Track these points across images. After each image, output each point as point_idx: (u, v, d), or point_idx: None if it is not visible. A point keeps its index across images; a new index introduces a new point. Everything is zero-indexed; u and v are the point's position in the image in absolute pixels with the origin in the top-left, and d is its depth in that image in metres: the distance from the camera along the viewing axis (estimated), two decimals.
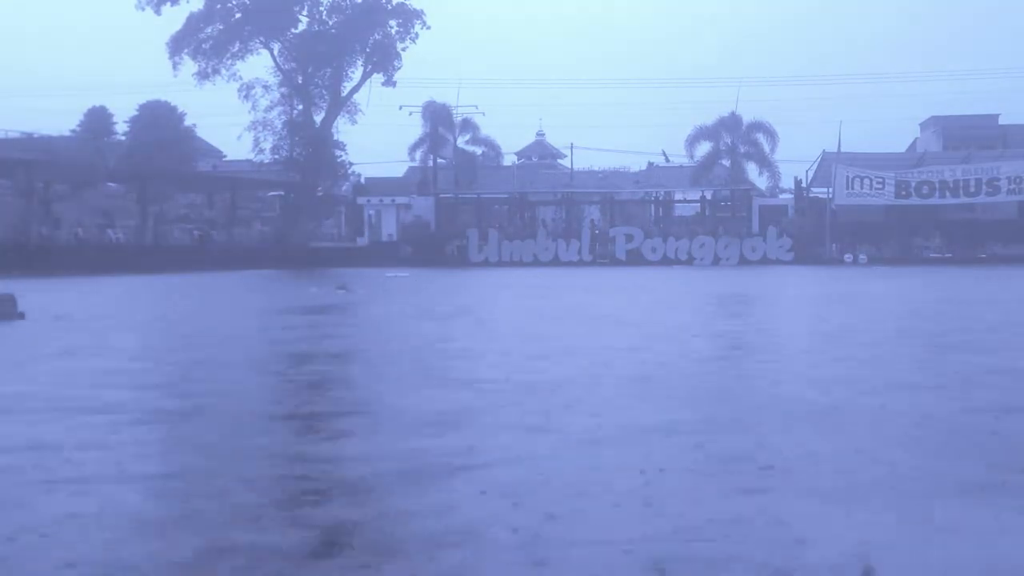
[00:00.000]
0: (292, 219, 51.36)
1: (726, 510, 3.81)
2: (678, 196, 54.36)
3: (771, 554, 3.28)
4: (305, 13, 53.76)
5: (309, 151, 52.57)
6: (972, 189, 46.81)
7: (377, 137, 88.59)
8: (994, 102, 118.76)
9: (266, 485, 4.35)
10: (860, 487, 4.18)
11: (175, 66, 52.27)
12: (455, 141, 56.22)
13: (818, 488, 4.16)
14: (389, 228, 51.21)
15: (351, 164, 56.76)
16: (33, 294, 21.06)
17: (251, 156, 53.07)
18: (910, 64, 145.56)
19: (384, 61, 53.56)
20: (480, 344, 10.56)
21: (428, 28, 54.01)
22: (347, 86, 54.14)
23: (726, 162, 55.61)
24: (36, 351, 10.07)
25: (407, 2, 53.94)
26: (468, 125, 56.50)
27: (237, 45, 52.72)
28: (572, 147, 62.32)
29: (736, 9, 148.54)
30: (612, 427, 5.57)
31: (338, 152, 54.82)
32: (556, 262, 47.27)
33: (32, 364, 8.96)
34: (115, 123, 56.17)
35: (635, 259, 47.29)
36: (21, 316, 12.93)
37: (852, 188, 47.67)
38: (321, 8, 53.87)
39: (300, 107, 53.45)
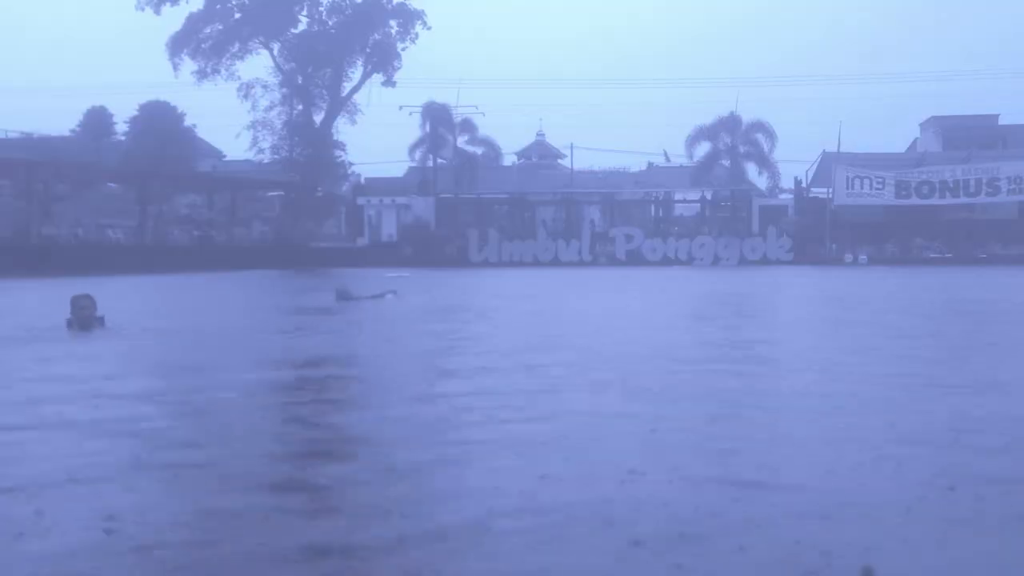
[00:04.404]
0: (292, 219, 51.37)
1: None
2: (678, 196, 54.38)
3: None
4: (305, 13, 53.80)
5: (309, 151, 52.60)
6: (972, 189, 46.84)
7: (377, 137, 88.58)
8: (994, 102, 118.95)
9: None
10: None
11: (175, 67, 52.37)
12: (455, 141, 56.25)
13: None
14: (389, 228, 51.20)
15: (351, 164, 56.89)
16: (41, 294, 21.03)
17: (250, 155, 53.17)
18: (910, 64, 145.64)
19: (384, 61, 53.58)
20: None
21: (428, 28, 54.10)
22: (347, 86, 54.23)
23: (726, 162, 55.70)
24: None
25: (407, 2, 54.00)
26: (468, 125, 56.55)
27: (237, 45, 52.76)
28: (572, 147, 62.45)
29: (736, 9, 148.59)
30: None
31: (338, 152, 54.92)
32: (556, 262, 47.28)
33: None
34: (115, 123, 56.17)
35: (635, 259, 47.32)
36: (101, 321, 10.88)
37: (852, 188, 47.70)
38: (321, 8, 53.91)
39: (300, 107, 53.47)
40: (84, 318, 10.63)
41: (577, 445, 4.99)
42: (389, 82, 53.72)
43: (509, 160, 65.91)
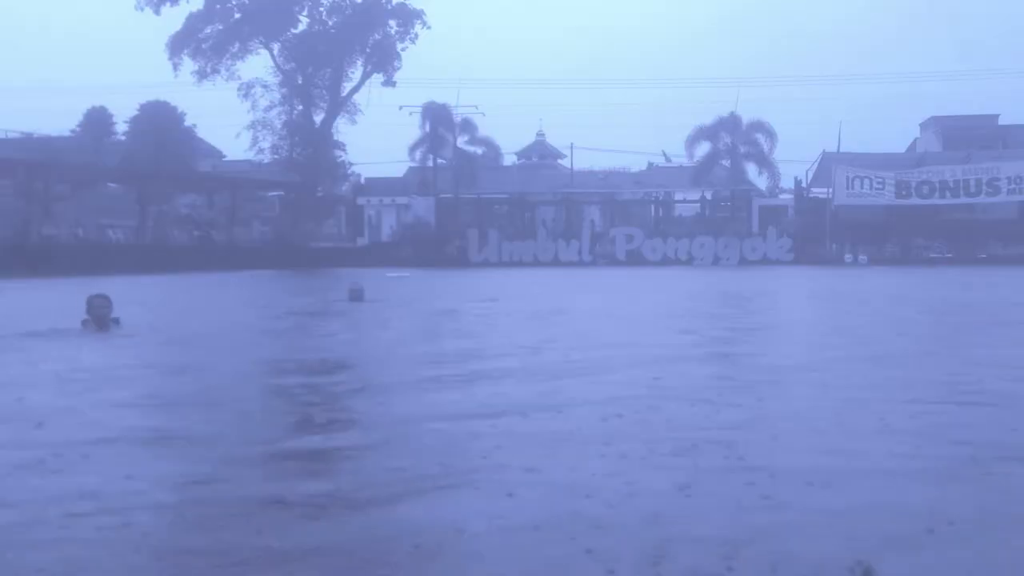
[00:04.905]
0: (292, 219, 51.37)
1: None
2: (678, 196, 54.39)
3: None
4: (305, 13, 53.80)
5: (309, 151, 52.61)
6: (972, 189, 46.81)
7: (377, 137, 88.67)
8: (994, 102, 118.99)
9: None
10: None
11: (175, 67, 52.34)
12: (455, 141, 56.26)
13: None
14: (389, 228, 51.24)
15: (351, 164, 56.89)
16: (44, 294, 21.02)
17: (250, 155, 53.17)
18: (910, 64, 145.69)
19: (384, 61, 53.57)
20: None
21: (428, 28, 54.10)
22: (347, 86, 54.23)
23: (726, 162, 55.71)
24: None
25: (407, 2, 53.97)
26: (468, 125, 56.56)
27: (236, 45, 52.74)
28: (572, 147, 62.43)
29: (736, 8, 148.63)
30: None
31: (338, 152, 54.93)
32: (556, 262, 47.27)
33: None
34: (115, 123, 56.18)
35: (635, 259, 47.31)
36: (116, 322, 10.76)
37: (852, 188, 47.68)
38: (321, 8, 53.91)
39: (300, 107, 53.47)
40: (101, 318, 10.52)
41: None
42: (389, 82, 53.73)
43: (509, 160, 66.03)
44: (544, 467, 4.47)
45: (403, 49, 53.77)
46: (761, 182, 55.08)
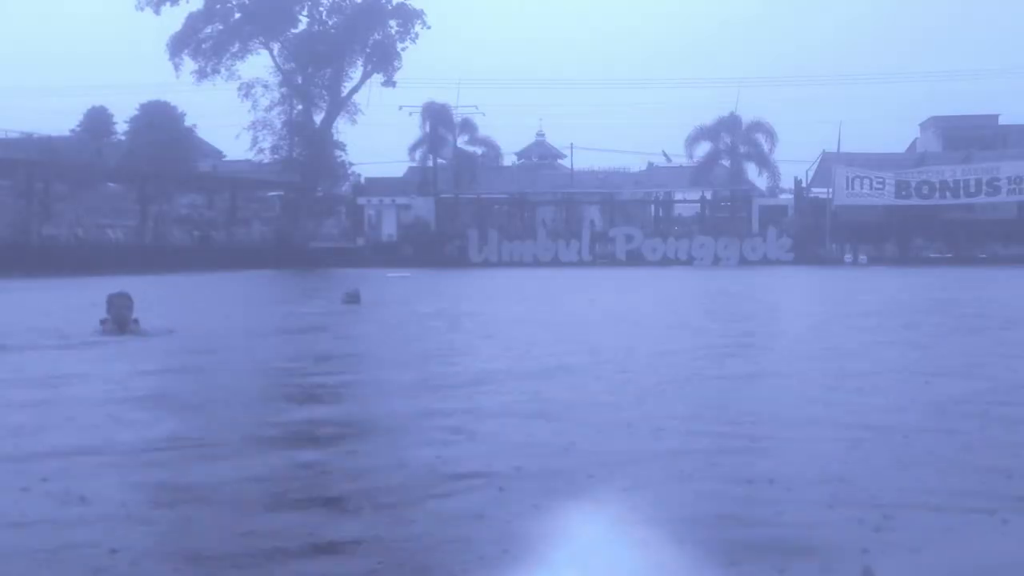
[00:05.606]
0: (292, 219, 51.38)
1: None
2: (678, 196, 54.40)
3: None
4: (305, 13, 53.80)
5: (309, 151, 52.61)
6: (972, 189, 46.87)
7: (377, 137, 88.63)
8: (994, 102, 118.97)
9: None
10: None
11: (176, 67, 52.35)
12: (455, 141, 56.25)
13: None
14: (389, 228, 51.24)
15: (351, 164, 56.86)
16: (47, 294, 21.02)
17: (250, 155, 53.17)
18: (910, 64, 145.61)
19: (384, 61, 53.55)
20: None
21: (428, 28, 54.08)
22: (347, 86, 54.20)
23: (726, 162, 55.69)
24: None
25: (407, 2, 53.96)
26: (468, 125, 56.52)
27: (237, 45, 52.75)
28: (572, 147, 62.40)
29: (736, 9, 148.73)
30: None
31: (338, 152, 54.91)
32: (556, 262, 47.30)
33: None
34: (115, 123, 56.26)
35: (635, 259, 47.32)
36: (136, 323, 10.21)
37: (852, 188, 47.75)
38: (321, 8, 53.93)
39: (300, 107, 53.47)
40: (121, 318, 10.10)
41: None
42: (389, 82, 53.69)
43: (509, 160, 65.95)
44: None
45: (403, 49, 53.78)
46: (761, 182, 55.14)
